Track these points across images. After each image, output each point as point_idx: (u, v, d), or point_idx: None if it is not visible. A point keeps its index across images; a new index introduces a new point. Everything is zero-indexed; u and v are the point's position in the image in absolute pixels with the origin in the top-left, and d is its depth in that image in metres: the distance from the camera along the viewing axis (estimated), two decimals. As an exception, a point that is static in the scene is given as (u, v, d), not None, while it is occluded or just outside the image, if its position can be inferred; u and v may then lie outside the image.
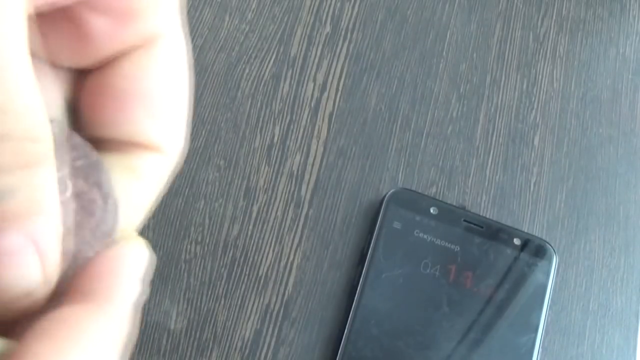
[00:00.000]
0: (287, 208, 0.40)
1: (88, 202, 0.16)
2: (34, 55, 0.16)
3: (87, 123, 0.17)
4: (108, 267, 0.16)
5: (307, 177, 0.40)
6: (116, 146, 0.17)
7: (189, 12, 0.43)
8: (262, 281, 0.38)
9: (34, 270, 0.14)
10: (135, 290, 0.15)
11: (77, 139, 0.17)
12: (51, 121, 0.16)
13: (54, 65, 0.17)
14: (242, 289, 0.38)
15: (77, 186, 0.16)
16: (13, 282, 0.13)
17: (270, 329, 0.37)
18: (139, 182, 0.17)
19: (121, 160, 0.17)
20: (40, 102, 0.13)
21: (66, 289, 0.15)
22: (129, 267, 0.16)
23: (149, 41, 0.17)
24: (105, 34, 0.16)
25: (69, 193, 0.16)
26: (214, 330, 0.37)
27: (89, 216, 0.16)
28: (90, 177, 0.16)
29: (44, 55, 0.17)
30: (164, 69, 0.17)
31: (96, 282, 0.15)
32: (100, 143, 0.17)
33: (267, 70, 0.43)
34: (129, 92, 0.17)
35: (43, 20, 0.15)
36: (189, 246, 0.38)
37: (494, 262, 0.39)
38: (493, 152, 0.43)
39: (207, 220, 0.39)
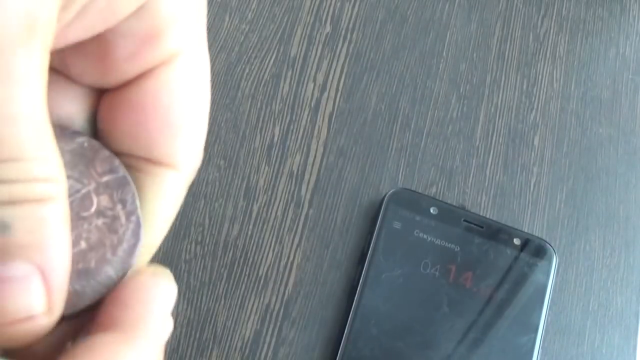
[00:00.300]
0: (287, 208, 0.40)
1: (111, 219, 0.16)
2: (58, 72, 0.16)
3: (106, 138, 0.17)
4: (140, 297, 0.15)
5: (307, 177, 0.40)
6: (134, 162, 0.17)
7: (189, 12, 0.43)
8: (262, 281, 0.38)
9: (38, 298, 0.14)
10: (167, 327, 0.16)
11: (106, 153, 0.17)
12: (80, 134, 0.16)
13: (77, 84, 0.17)
14: (242, 289, 0.38)
15: (102, 202, 0.16)
16: (15, 309, 0.14)
17: (270, 329, 0.37)
18: (161, 201, 0.17)
19: (144, 178, 0.17)
20: (54, 147, 0.14)
21: (94, 311, 0.15)
22: (161, 300, 0.16)
23: (171, 57, 0.17)
24: (129, 56, 0.16)
25: (93, 209, 0.16)
26: (214, 330, 0.37)
27: (111, 233, 0.16)
28: (116, 194, 0.16)
29: (68, 74, 0.16)
30: (185, 84, 0.17)
31: (128, 311, 0.15)
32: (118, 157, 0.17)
33: (267, 70, 0.43)
34: (149, 107, 0.17)
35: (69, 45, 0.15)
36: (189, 246, 0.38)
37: (494, 262, 0.39)
38: (493, 152, 0.43)
39: (207, 220, 0.39)
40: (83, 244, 0.16)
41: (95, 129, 0.17)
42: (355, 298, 0.37)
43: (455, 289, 0.38)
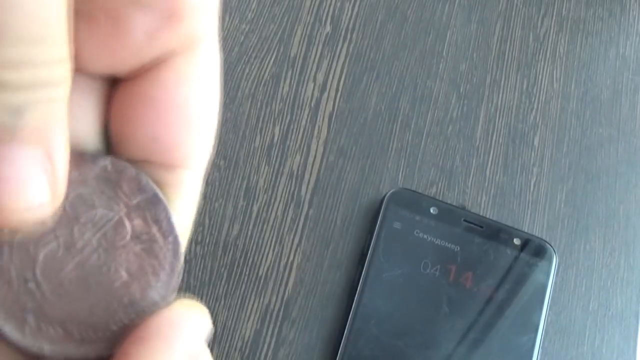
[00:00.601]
0: (287, 208, 0.40)
1: (149, 242, 0.15)
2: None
3: (119, 142, 0.16)
4: (164, 333, 0.15)
5: (307, 177, 0.40)
6: (150, 169, 0.16)
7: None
8: (262, 281, 0.38)
9: (46, 185, 0.13)
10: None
11: (132, 172, 0.16)
12: (101, 156, 0.16)
13: (89, 74, 0.16)
14: (242, 289, 0.38)
15: (136, 227, 0.15)
16: (30, 195, 0.13)
17: (270, 329, 0.37)
18: (183, 203, 0.17)
19: (162, 185, 0.16)
20: (65, 24, 0.13)
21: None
22: (188, 336, 0.15)
23: (188, 47, 0.16)
24: (148, 34, 0.15)
25: (128, 236, 0.15)
26: (214, 330, 0.37)
27: (151, 258, 0.15)
28: (149, 215, 0.16)
29: (79, 60, 0.15)
30: (203, 76, 0.16)
31: (149, 350, 0.14)
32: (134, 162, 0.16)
33: (267, 70, 0.43)
34: (168, 100, 0.16)
35: (79, 16, 0.14)
36: (189, 246, 0.38)
37: (494, 262, 0.39)
38: (493, 152, 0.43)
39: (207, 220, 0.39)
40: (124, 275, 0.15)
41: (106, 130, 0.17)
42: (355, 298, 0.37)
43: (455, 289, 0.38)
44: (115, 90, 0.16)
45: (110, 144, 0.17)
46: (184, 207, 0.17)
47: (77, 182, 0.15)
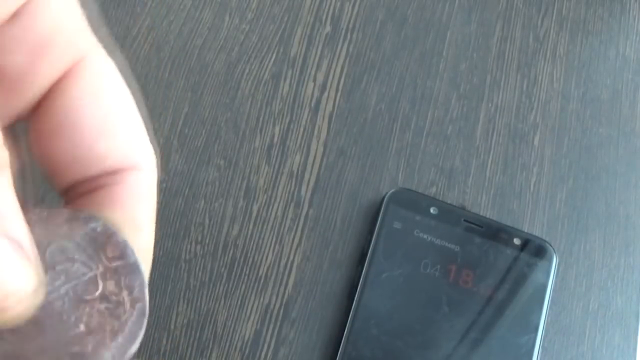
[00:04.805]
0: (287, 208, 0.40)
1: (115, 304, 0.16)
2: None
3: (51, 170, 0.17)
4: None
5: (307, 177, 0.40)
6: (94, 184, 0.16)
7: (189, 12, 0.43)
8: (262, 281, 0.38)
9: (19, 265, 0.14)
10: None
11: (119, 238, 0.16)
12: (94, 219, 0.16)
13: None
14: (242, 289, 0.38)
15: (108, 287, 0.16)
16: (5, 283, 0.13)
17: (270, 329, 0.37)
18: (138, 205, 0.17)
19: (113, 191, 0.17)
20: None
21: None
22: None
23: (73, 67, 0.16)
24: (24, 72, 0.15)
25: (97, 293, 0.16)
26: (214, 330, 0.37)
27: (113, 319, 0.16)
28: (124, 280, 0.16)
29: None
30: (99, 87, 0.16)
31: None
32: (80, 188, 0.17)
33: (267, 70, 0.43)
34: (76, 122, 0.16)
35: None
36: (189, 246, 0.38)
37: (494, 262, 0.39)
38: (493, 152, 0.43)
39: (207, 220, 0.39)
40: (82, 327, 0.15)
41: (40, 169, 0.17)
42: (355, 298, 0.37)
43: (455, 289, 0.38)
44: (30, 129, 0.16)
45: (43, 177, 0.17)
46: (140, 208, 0.17)
47: (64, 236, 0.16)
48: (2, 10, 0.14)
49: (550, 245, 0.39)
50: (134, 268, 0.16)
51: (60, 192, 0.17)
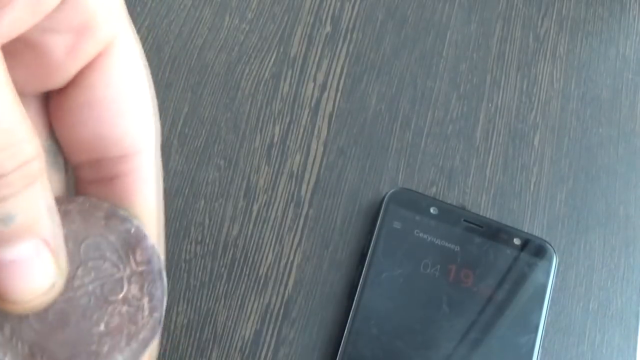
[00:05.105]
0: (287, 208, 0.40)
1: (135, 309, 0.17)
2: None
3: (69, 146, 0.17)
4: None
5: (307, 177, 0.40)
6: (105, 168, 0.17)
7: (189, 12, 0.43)
8: (262, 281, 0.38)
9: (52, 267, 0.14)
10: None
11: (149, 243, 0.17)
12: (129, 221, 0.17)
13: (24, 95, 0.17)
14: (242, 289, 0.38)
15: (132, 290, 0.17)
16: (38, 284, 0.14)
17: (270, 329, 0.37)
18: (147, 185, 0.17)
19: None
20: (28, 122, 0.14)
21: None
22: None
23: (107, 46, 0.17)
24: (66, 52, 0.16)
25: (121, 295, 0.16)
26: (214, 330, 0.37)
27: (131, 324, 0.16)
28: (147, 286, 0.17)
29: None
30: (126, 69, 0.17)
31: None
32: (90, 171, 0.17)
33: (267, 70, 0.43)
34: (101, 100, 0.17)
35: (4, 52, 0.15)
36: (189, 246, 0.38)
37: (494, 262, 0.39)
38: (493, 152, 0.43)
39: (207, 220, 0.39)
40: (102, 327, 0.16)
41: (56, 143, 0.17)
42: (355, 298, 0.37)
43: (455, 289, 0.38)
44: (53, 101, 0.17)
45: (60, 151, 0.17)
46: (145, 190, 0.17)
47: (100, 232, 0.17)
48: None
49: (550, 245, 0.39)
50: (159, 276, 0.17)
51: (73, 166, 0.18)
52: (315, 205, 0.40)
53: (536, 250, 0.39)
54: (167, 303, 0.38)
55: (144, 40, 0.42)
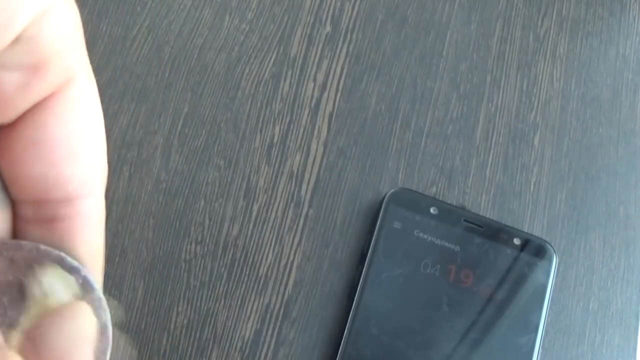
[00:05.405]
0: (287, 208, 0.40)
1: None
2: None
3: (10, 181, 0.17)
4: None
5: (307, 177, 0.40)
6: (49, 210, 0.17)
7: (189, 12, 0.43)
8: (262, 281, 0.38)
9: None
10: None
11: (96, 295, 0.17)
12: (78, 271, 0.17)
13: None
14: (242, 289, 0.38)
15: None
16: None
17: (270, 329, 0.37)
18: (91, 232, 0.17)
19: (68, 222, 0.17)
20: None
21: None
22: None
23: (61, 86, 0.16)
24: (17, 89, 0.15)
25: None
26: (214, 330, 0.37)
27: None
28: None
29: None
30: (80, 111, 0.17)
31: None
32: (33, 210, 0.17)
33: (267, 70, 0.43)
34: (47, 141, 0.16)
35: None
36: (189, 246, 0.38)
37: (494, 262, 0.39)
38: (493, 152, 0.43)
39: (207, 220, 0.39)
40: None
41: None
42: (355, 298, 0.37)
43: (455, 289, 0.38)
44: (2, 137, 0.17)
45: (4, 185, 0.17)
46: (89, 235, 0.17)
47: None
48: (4, 38, 0.14)
49: (550, 245, 0.39)
50: (103, 329, 0.17)
51: (14, 201, 0.17)
52: (315, 205, 0.40)
53: (536, 250, 0.39)
54: (167, 302, 0.38)
55: (144, 40, 0.42)
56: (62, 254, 0.17)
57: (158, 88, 0.41)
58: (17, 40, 0.15)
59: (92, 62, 0.17)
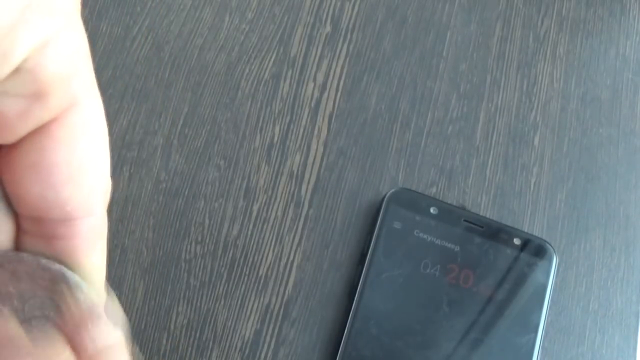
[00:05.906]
0: (287, 208, 0.40)
1: None
2: None
3: (14, 199, 0.17)
4: None
5: (307, 177, 0.40)
6: (53, 229, 0.17)
7: (189, 12, 0.43)
8: (262, 281, 0.38)
9: None
10: None
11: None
12: (79, 287, 0.17)
13: None
14: (242, 289, 0.38)
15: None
16: None
17: (270, 329, 0.37)
18: (94, 252, 0.18)
19: (71, 243, 0.17)
20: None
21: None
22: None
23: (63, 111, 0.16)
24: (17, 115, 0.15)
25: None
26: (214, 330, 0.37)
27: None
28: None
29: None
30: (82, 134, 0.17)
31: None
32: (41, 228, 0.17)
33: (267, 70, 0.43)
34: (49, 165, 0.16)
35: None
36: (189, 246, 0.38)
37: (494, 262, 0.39)
38: (493, 152, 0.43)
39: (207, 220, 0.39)
40: None
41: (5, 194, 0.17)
42: (355, 298, 0.37)
43: (455, 289, 0.38)
44: (2, 151, 0.17)
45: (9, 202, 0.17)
46: (89, 253, 0.17)
47: (45, 295, 0.17)
48: (1, 71, 0.14)
49: (550, 245, 0.39)
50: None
51: (16, 211, 0.17)
52: (315, 205, 0.40)
53: (536, 250, 0.39)
54: (167, 302, 0.38)
55: (144, 40, 0.42)
56: (63, 270, 0.17)
57: (158, 88, 0.41)
58: (17, 71, 0.15)
59: (92, 62, 0.17)
